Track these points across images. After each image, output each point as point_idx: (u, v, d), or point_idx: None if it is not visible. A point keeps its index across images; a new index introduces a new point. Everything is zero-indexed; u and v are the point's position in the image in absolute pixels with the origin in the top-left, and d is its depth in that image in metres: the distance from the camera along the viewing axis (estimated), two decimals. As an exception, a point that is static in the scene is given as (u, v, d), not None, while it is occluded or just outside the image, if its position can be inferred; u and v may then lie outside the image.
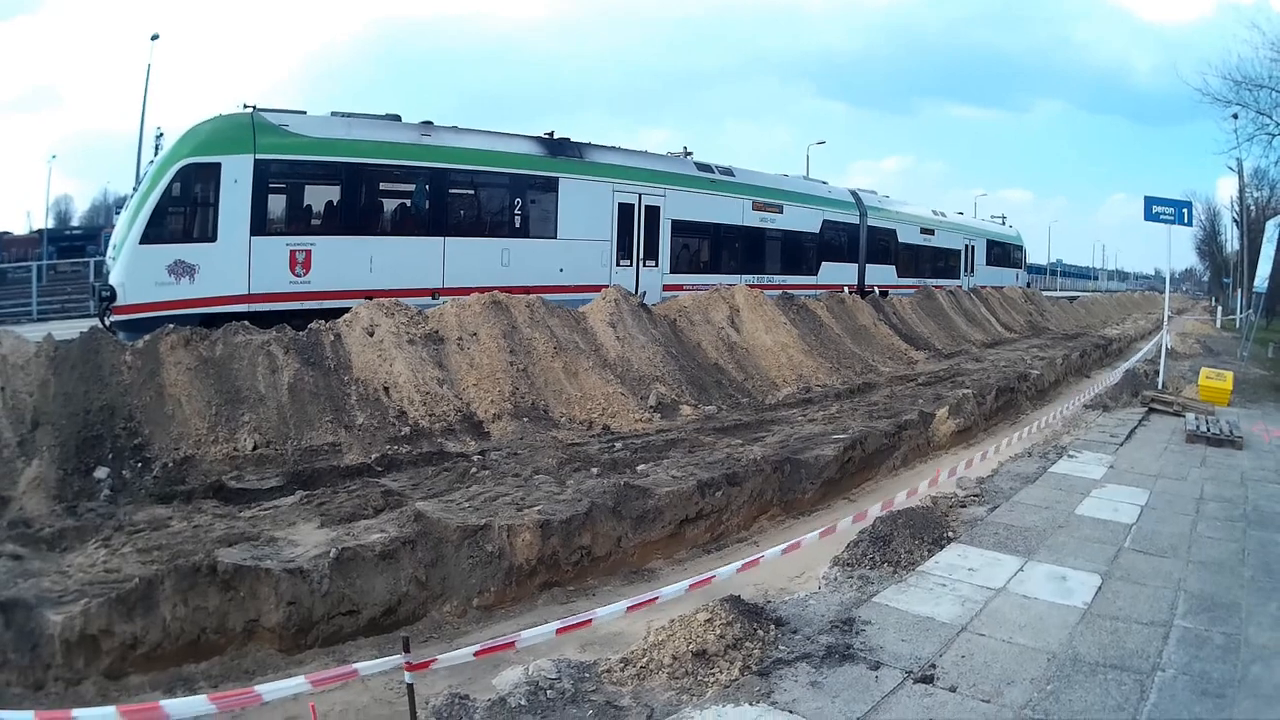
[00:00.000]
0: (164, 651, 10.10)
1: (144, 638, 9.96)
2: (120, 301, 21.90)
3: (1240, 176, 67.28)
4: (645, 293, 32.45)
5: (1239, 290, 72.12)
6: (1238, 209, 73.94)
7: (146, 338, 17.18)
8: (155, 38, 61.71)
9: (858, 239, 49.09)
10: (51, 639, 9.40)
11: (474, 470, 16.30)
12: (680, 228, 36.81)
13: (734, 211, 39.57)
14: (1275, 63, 37.01)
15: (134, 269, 22.31)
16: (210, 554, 10.98)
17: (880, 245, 51.45)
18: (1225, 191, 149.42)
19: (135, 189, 25.33)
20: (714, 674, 8.62)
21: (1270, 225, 44.28)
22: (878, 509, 12.59)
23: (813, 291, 39.64)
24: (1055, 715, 8.02)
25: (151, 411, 15.91)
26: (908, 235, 54.73)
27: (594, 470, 16.58)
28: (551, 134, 32.88)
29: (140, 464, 14.97)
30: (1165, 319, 38.40)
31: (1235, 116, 42.69)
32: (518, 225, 30.85)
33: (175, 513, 13.26)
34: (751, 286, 33.23)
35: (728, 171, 39.95)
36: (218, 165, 23.41)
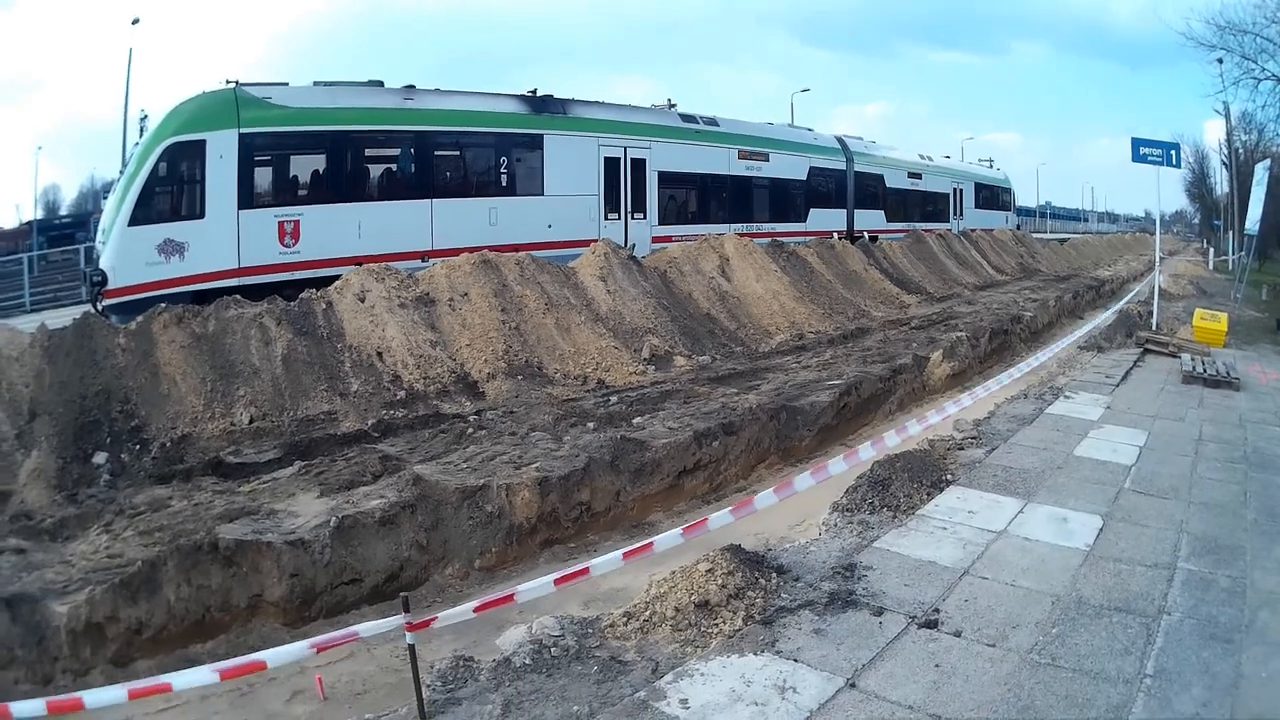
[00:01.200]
0: (169, 634, 10.16)
1: (149, 621, 10.02)
2: (112, 285, 21.97)
3: (1227, 120, 67.42)
4: (634, 245, 32.53)
5: (1230, 232, 72.29)
6: (1226, 152, 74.00)
7: (139, 319, 17.20)
8: (136, 21, 61.48)
9: (845, 185, 49.15)
10: (58, 630, 9.45)
11: (470, 431, 16.31)
12: (667, 179, 36.87)
13: (720, 161, 39.60)
14: (1259, 8, 36.98)
15: (124, 251, 22.38)
16: (211, 531, 11.04)
17: (868, 191, 51.55)
18: (1213, 134, 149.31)
19: (122, 172, 25.33)
20: (717, 625, 8.63)
21: (1259, 168, 44.31)
22: (870, 448, 12.48)
23: (802, 238, 39.74)
24: (1062, 659, 8.03)
25: (147, 392, 15.93)
26: (895, 180, 54.81)
27: (590, 425, 16.61)
28: (535, 91, 32.84)
29: (138, 446, 15.00)
30: (1157, 260, 38.62)
31: (1220, 61, 42.68)
32: (504, 184, 30.93)
33: (175, 492, 13.26)
34: (741, 235, 33.39)
35: (712, 122, 39.96)
36: (202, 142, 23.44)
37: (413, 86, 29.22)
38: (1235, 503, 12.72)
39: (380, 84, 28.36)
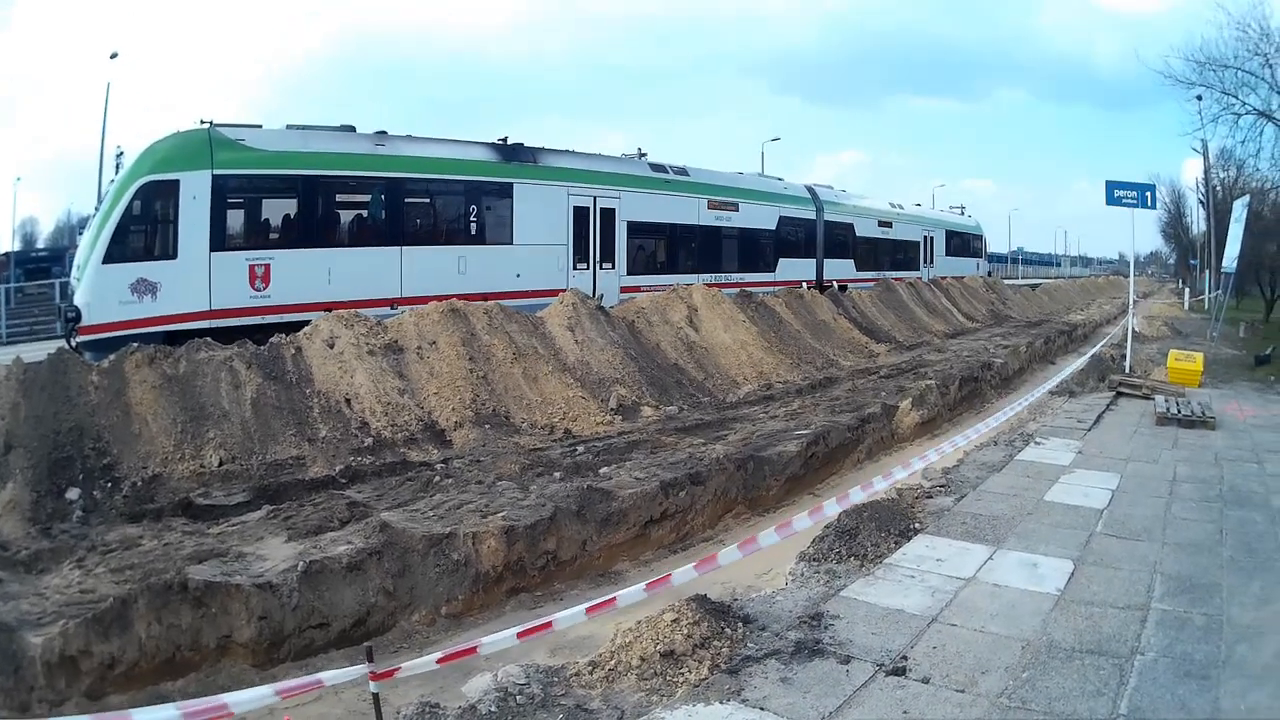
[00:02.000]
0: (141, 670, 10.18)
1: (121, 657, 10.04)
2: (85, 322, 22.06)
3: (1205, 157, 67.70)
4: (603, 295, 32.82)
5: (1207, 271, 72.60)
6: (1203, 190, 74.49)
7: (112, 357, 17.24)
8: (115, 56, 61.56)
9: (815, 234, 49.49)
10: (33, 661, 9.49)
11: (437, 479, 16.36)
12: (636, 229, 37.11)
13: (690, 211, 39.91)
14: (1240, 41, 37.39)
15: (97, 289, 22.47)
16: (181, 571, 11.05)
17: (838, 240, 51.90)
18: (1191, 173, 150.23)
19: (97, 208, 25.43)
20: (683, 674, 8.65)
21: (1238, 205, 44.74)
22: (834, 504, 12.54)
23: (771, 288, 39.90)
24: (1033, 702, 8.04)
25: (119, 431, 15.98)
26: (865, 229, 55.17)
27: (557, 474, 16.63)
28: (505, 140, 33.11)
29: (110, 484, 15.02)
30: (1130, 302, 38.53)
31: (1199, 98, 43.08)
32: (474, 232, 31.13)
33: (146, 531, 13.30)
34: (709, 285, 33.41)
35: (682, 171, 40.28)
36: (176, 182, 23.57)
37: (384, 132, 29.32)
38: (1211, 541, 12.80)
39: (352, 129, 28.53)
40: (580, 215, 34.47)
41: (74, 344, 21.56)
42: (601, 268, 35.38)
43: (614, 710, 8.20)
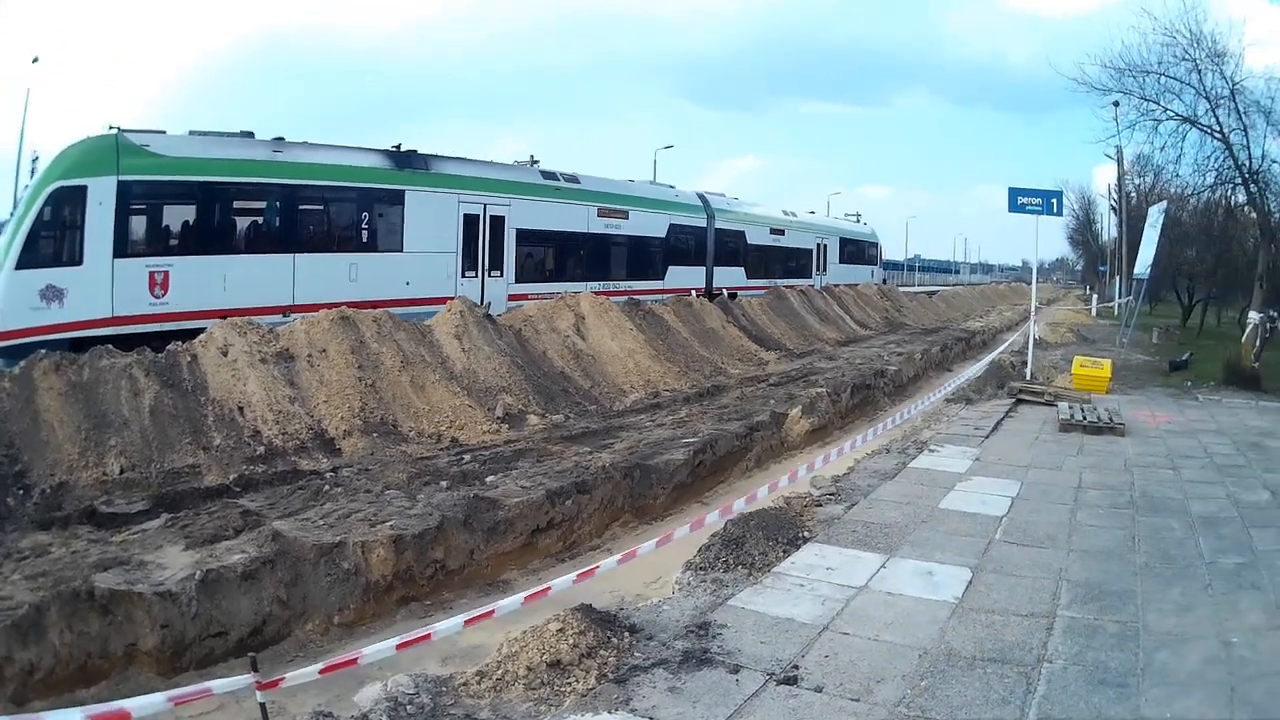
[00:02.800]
0: (58, 677, 10.49)
1: (39, 663, 10.38)
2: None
3: (1120, 164, 69.11)
4: (490, 303, 33.03)
5: (1117, 277, 73.72)
6: (1116, 196, 75.56)
7: (21, 364, 17.54)
8: (35, 60, 61.20)
9: (705, 242, 50.03)
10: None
11: (327, 488, 16.63)
12: (525, 237, 37.50)
13: (579, 219, 40.42)
14: (1167, 47, 38.07)
15: (10, 294, 22.66)
16: (88, 579, 11.36)
17: (729, 247, 52.47)
18: (1103, 179, 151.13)
19: (12, 214, 25.58)
20: (571, 683, 8.81)
21: (1154, 210, 45.21)
22: (716, 516, 12.73)
23: (660, 296, 40.30)
24: (933, 711, 8.13)
25: (29, 438, 16.26)
26: (757, 236, 55.76)
27: (444, 484, 16.97)
28: (399, 146, 33.32)
29: (22, 491, 15.29)
30: (1033, 309, 38.72)
31: (1116, 105, 43.79)
32: (365, 239, 31.46)
33: (55, 539, 13.48)
34: (597, 293, 34.01)
35: (573, 179, 40.71)
36: (84, 188, 23.87)
37: (282, 139, 29.65)
38: (1123, 548, 13.01)
39: (251, 135, 28.74)
40: (470, 223, 34.79)
41: None
42: (490, 276, 35.70)
43: (503, 720, 8.80)
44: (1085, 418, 22.80)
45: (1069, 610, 10.56)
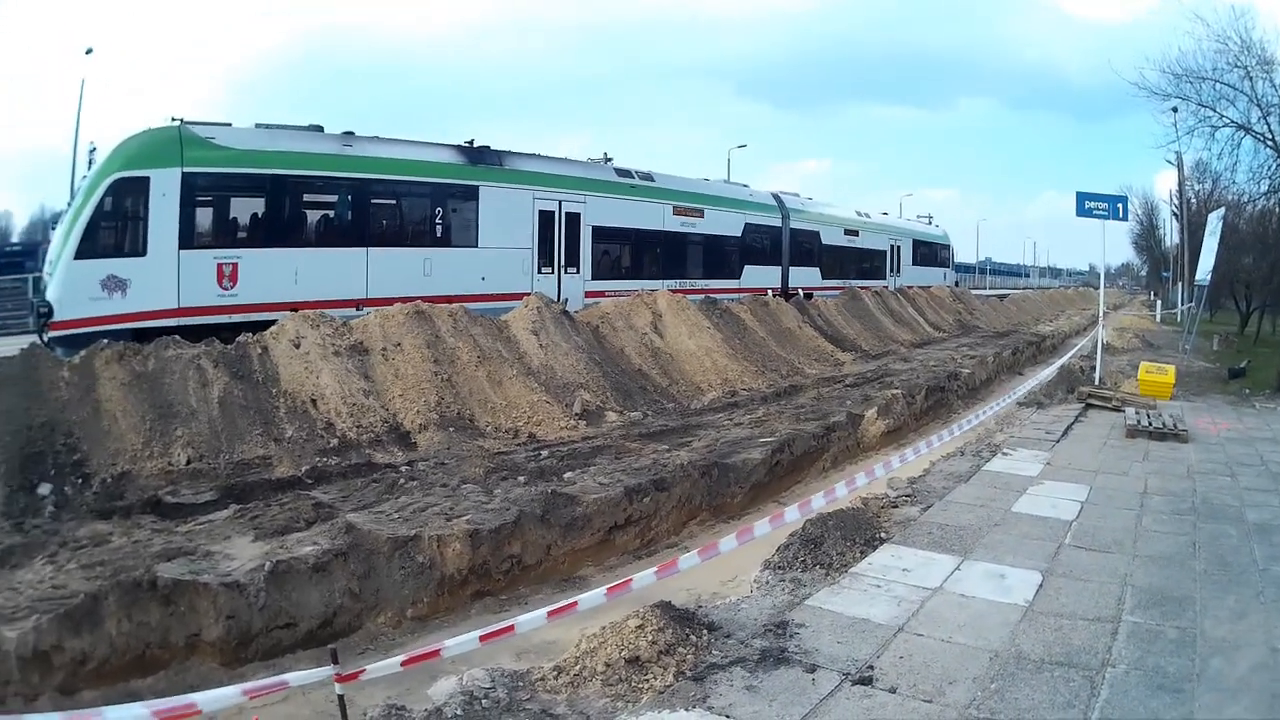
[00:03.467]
0: (112, 667, 10.18)
1: (93, 653, 10.05)
2: (57, 317, 22.14)
3: (1180, 170, 67.86)
4: (567, 300, 32.62)
5: (1179, 283, 72.74)
6: (1177, 202, 74.59)
7: (82, 354, 17.24)
8: (89, 52, 61.45)
9: (780, 242, 49.43)
10: (8, 655, 9.47)
11: (402, 481, 16.31)
12: (601, 234, 37.13)
13: (655, 216, 39.94)
14: (1220, 54, 37.32)
15: (69, 285, 22.51)
16: (150, 569, 11.06)
17: (804, 247, 51.77)
18: (1165, 185, 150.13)
19: (70, 204, 25.39)
20: (648, 680, 8.68)
21: (1213, 217, 44.56)
22: (796, 513, 12.46)
23: (736, 295, 39.72)
24: (1001, 714, 8.03)
25: (89, 427, 15.95)
26: (831, 237, 55.05)
27: (521, 479, 16.61)
28: (471, 142, 33.11)
29: (80, 480, 15.00)
30: (1101, 314, 38.42)
31: (1175, 110, 43.02)
32: (439, 234, 31.23)
33: (115, 528, 13.21)
34: (674, 291, 33.46)
35: (648, 176, 40.24)
36: (146, 179, 23.58)
37: (352, 133, 29.36)
38: (1184, 554, 12.81)
39: (320, 129, 28.46)
40: (545, 219, 34.50)
41: (46, 339, 21.60)
42: (566, 272, 35.41)
43: (579, 715, 8.24)
44: (1151, 424, 22.43)
45: (1133, 615, 10.46)
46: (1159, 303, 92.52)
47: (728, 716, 7.95)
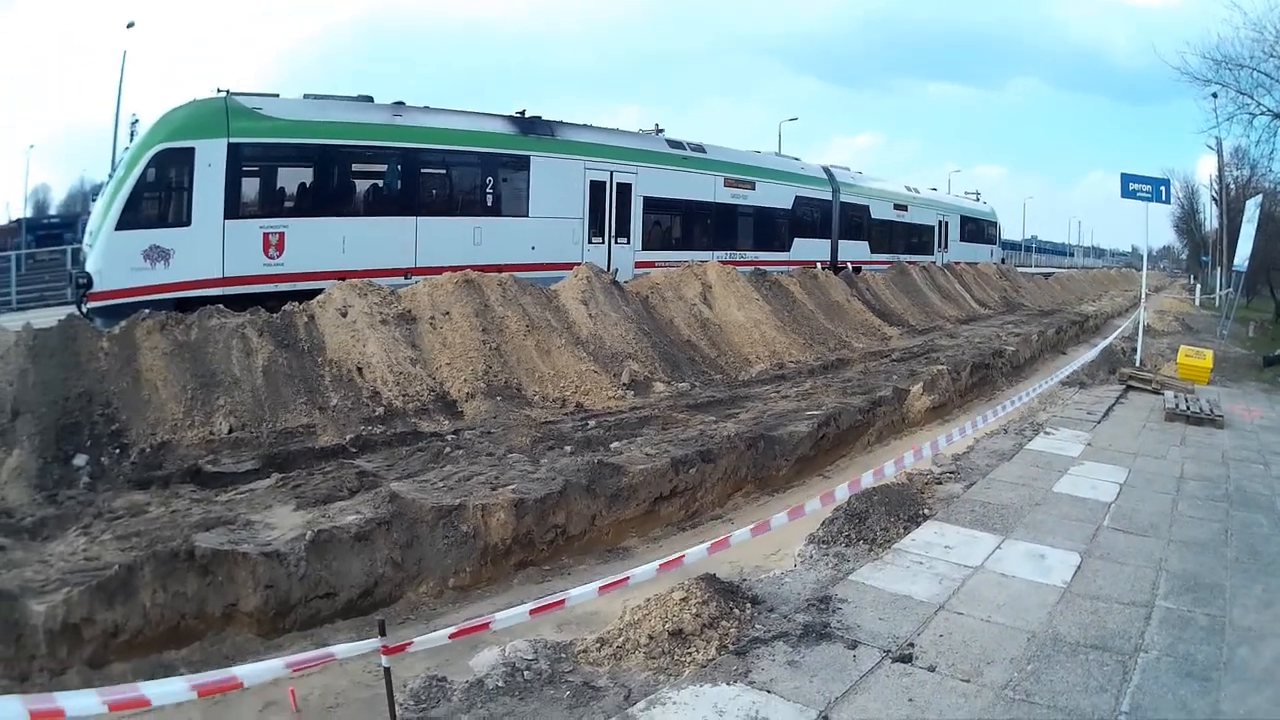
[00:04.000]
0: (145, 638, 10.12)
1: (125, 625, 9.98)
2: (97, 288, 22.02)
3: (1219, 155, 67.46)
4: (617, 270, 32.48)
5: (1218, 268, 72.34)
6: (1217, 187, 74.01)
7: (123, 324, 17.18)
8: (131, 25, 61.70)
9: (830, 215, 49.13)
10: (35, 629, 9.41)
11: (448, 450, 16.27)
12: (652, 205, 36.90)
13: (706, 188, 39.62)
14: (1256, 42, 36.89)
15: (110, 255, 22.43)
16: (188, 539, 10.99)
17: (853, 221, 51.50)
18: (1206, 170, 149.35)
19: (111, 175, 25.35)
20: (691, 653, 8.64)
21: (1250, 204, 44.15)
22: (845, 489, 12.49)
23: (785, 268, 39.36)
24: (1036, 695, 8.01)
25: (128, 397, 15.90)
26: (881, 211, 54.74)
27: (568, 448, 16.57)
28: (523, 113, 32.84)
29: (118, 450, 14.94)
30: (1142, 296, 38.13)
31: (1215, 96, 42.57)
32: (490, 204, 31.00)
33: (153, 498, 13.23)
34: (724, 263, 33.24)
35: (699, 148, 39.92)
36: (191, 150, 23.46)
37: (402, 103, 29.23)
38: (1216, 541, 12.75)
39: (370, 99, 28.36)
40: (596, 189, 34.31)
41: (85, 310, 21.52)
42: (617, 242, 35.25)
43: (621, 688, 8.22)
44: (1189, 408, 22.35)
45: (1166, 601, 10.48)
46: (1198, 287, 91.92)
47: (769, 691, 7.91)
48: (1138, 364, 30.22)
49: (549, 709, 7.98)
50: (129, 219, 22.69)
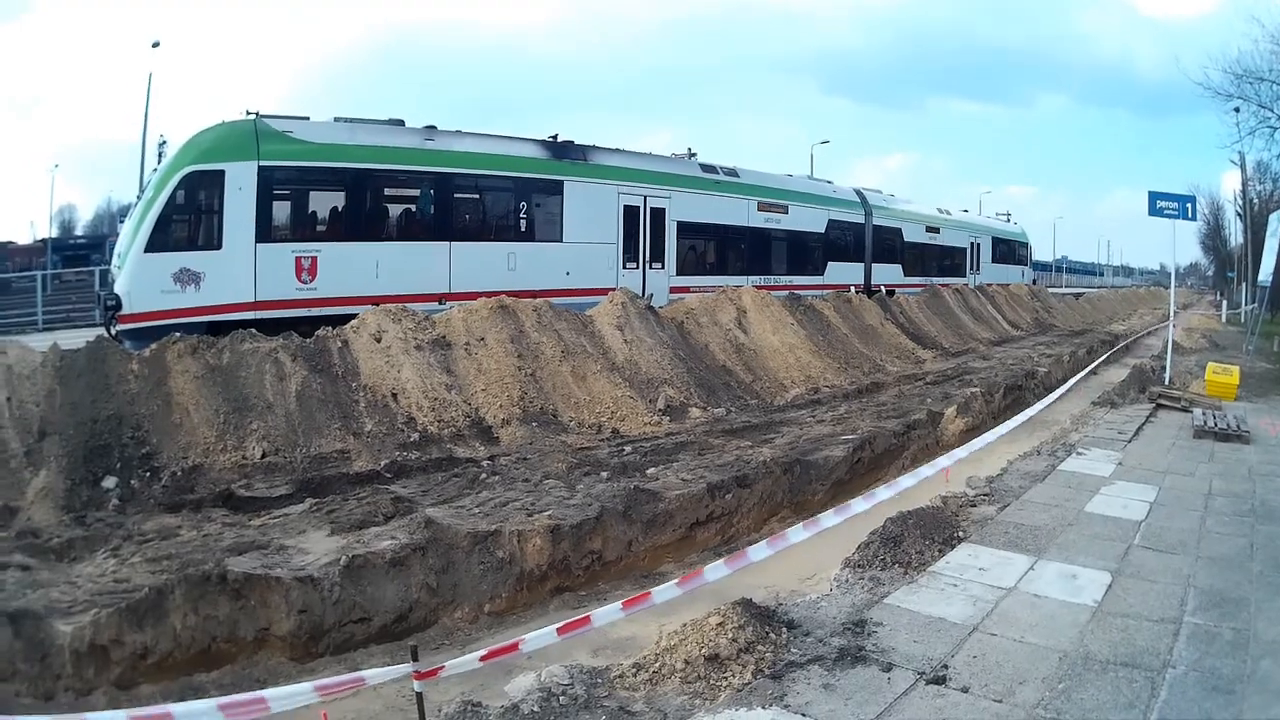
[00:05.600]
0: (174, 661, 10.06)
1: (154, 647, 9.91)
2: (126, 310, 22.01)
3: (1243, 170, 67.43)
4: (652, 295, 32.70)
5: (1243, 284, 72.07)
6: (1241, 203, 73.87)
7: (153, 346, 17.14)
8: (156, 45, 62.29)
9: (863, 238, 49.29)
10: (61, 649, 9.33)
11: (484, 476, 16.22)
12: (686, 229, 36.95)
13: (739, 212, 39.73)
14: (1276, 55, 36.84)
15: (139, 277, 22.40)
16: (220, 563, 10.93)
17: (886, 244, 51.64)
18: (1230, 185, 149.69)
19: (139, 197, 25.47)
20: (726, 678, 8.49)
21: (1273, 219, 44.13)
22: (861, 501, 12.55)
23: (819, 291, 39.45)
24: (1067, 714, 7.96)
25: (159, 420, 15.87)
26: (913, 234, 54.92)
27: (604, 474, 16.48)
28: (555, 137, 33.02)
29: (148, 473, 14.93)
30: (1171, 314, 38.25)
31: (1237, 110, 42.52)
32: (523, 229, 31.06)
33: (184, 522, 13.23)
34: (758, 287, 33.20)
35: (732, 172, 40.06)
36: (221, 172, 23.51)
37: (434, 127, 29.24)
38: (1241, 556, 12.72)
39: (401, 123, 28.58)
40: (630, 214, 34.34)
41: (113, 332, 21.60)
42: (651, 267, 35.26)
43: (657, 713, 8.09)
44: (1216, 425, 22.28)
45: (1194, 617, 10.43)
46: (1224, 303, 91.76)
47: (804, 715, 7.90)
48: (1166, 382, 30.26)
49: (584, 734, 7.83)
50: (158, 241, 22.75)
